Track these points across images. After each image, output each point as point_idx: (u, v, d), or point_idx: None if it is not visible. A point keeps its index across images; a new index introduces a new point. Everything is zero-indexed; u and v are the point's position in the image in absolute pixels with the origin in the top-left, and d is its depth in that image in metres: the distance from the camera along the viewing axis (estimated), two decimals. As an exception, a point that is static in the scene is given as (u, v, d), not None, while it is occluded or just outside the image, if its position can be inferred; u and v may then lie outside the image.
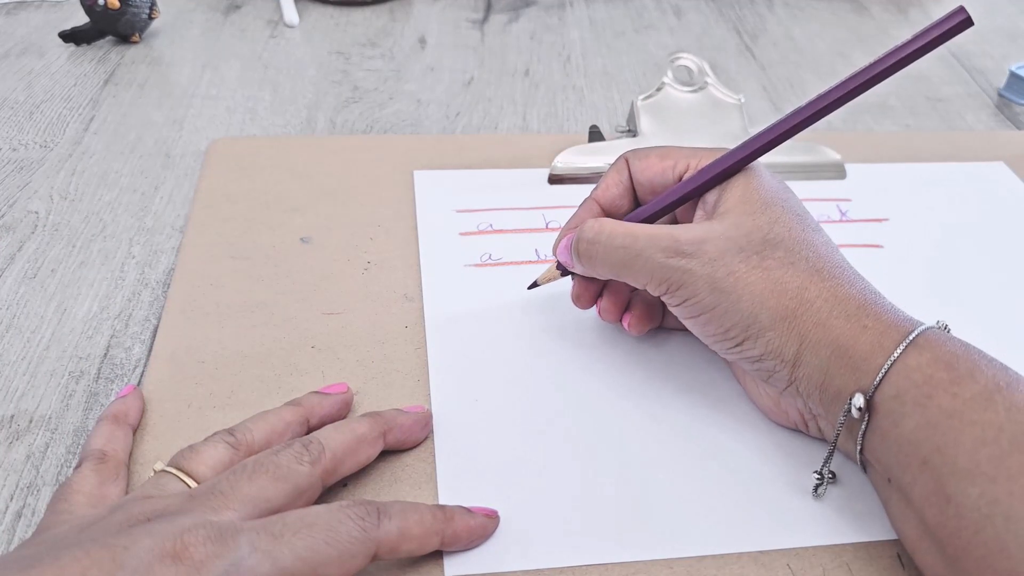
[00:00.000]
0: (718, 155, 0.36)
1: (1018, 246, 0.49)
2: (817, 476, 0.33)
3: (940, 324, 0.32)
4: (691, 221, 0.36)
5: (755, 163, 0.36)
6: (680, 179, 0.37)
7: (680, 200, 0.36)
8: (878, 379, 0.30)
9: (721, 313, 0.33)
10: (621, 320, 0.39)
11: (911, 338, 0.30)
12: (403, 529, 0.29)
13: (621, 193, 0.38)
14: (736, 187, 0.35)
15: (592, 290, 0.39)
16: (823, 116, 0.34)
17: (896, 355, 0.30)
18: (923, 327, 0.31)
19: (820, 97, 0.34)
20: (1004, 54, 0.72)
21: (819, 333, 0.32)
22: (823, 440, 0.35)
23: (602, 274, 0.36)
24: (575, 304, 0.39)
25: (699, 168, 0.36)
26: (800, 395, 0.33)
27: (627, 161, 0.38)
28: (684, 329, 0.40)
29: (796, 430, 0.36)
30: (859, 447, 0.31)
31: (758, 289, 0.32)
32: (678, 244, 0.33)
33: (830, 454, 0.33)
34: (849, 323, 0.31)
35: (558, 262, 0.39)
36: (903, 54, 0.32)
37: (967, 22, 0.30)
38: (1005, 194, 0.53)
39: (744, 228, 0.33)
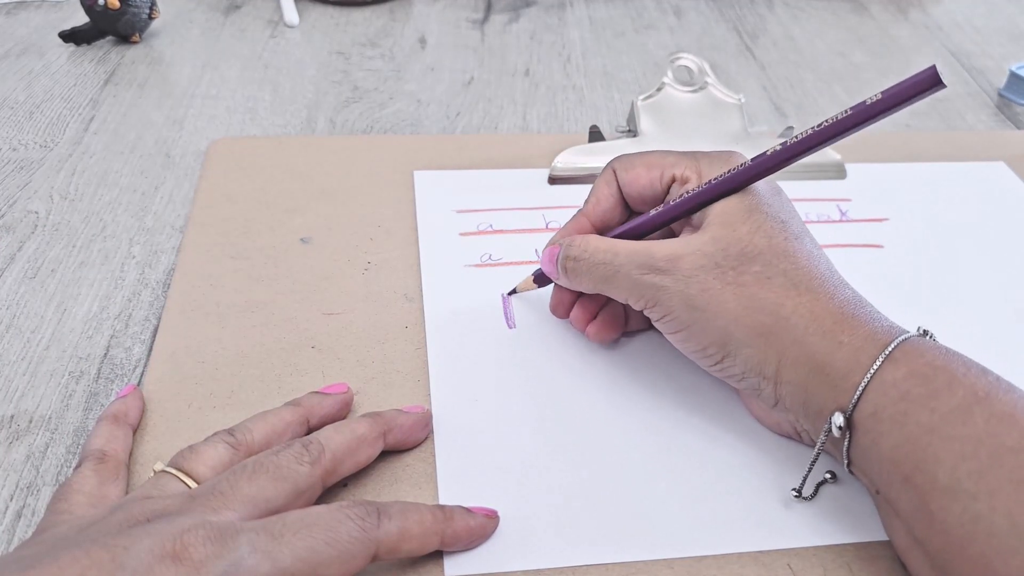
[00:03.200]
0: (700, 164, 0.36)
1: (1018, 246, 0.49)
2: (795, 493, 0.33)
3: (920, 330, 0.32)
4: (679, 233, 0.36)
5: None
6: (667, 189, 0.36)
7: (666, 222, 0.36)
8: (855, 397, 0.30)
9: (698, 330, 0.33)
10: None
11: (887, 352, 0.30)
12: (403, 529, 0.29)
13: (612, 206, 0.38)
14: (722, 200, 0.34)
15: (567, 301, 0.40)
16: (803, 156, 0.33)
17: (872, 371, 0.30)
18: (901, 338, 0.30)
19: (804, 139, 0.33)
20: (1004, 54, 0.72)
21: (796, 351, 0.31)
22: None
23: (587, 289, 0.37)
24: (553, 313, 0.40)
25: (684, 185, 0.36)
26: (788, 411, 0.33)
27: (614, 172, 0.38)
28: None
29: (791, 439, 0.36)
30: (846, 462, 0.31)
31: (732, 306, 0.32)
32: (653, 260, 0.33)
33: (809, 471, 0.33)
34: (825, 339, 0.31)
35: (534, 274, 0.41)
36: (874, 111, 0.31)
37: (937, 82, 0.30)
38: (1005, 194, 0.53)
39: (722, 242, 0.33)
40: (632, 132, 0.53)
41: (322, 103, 0.60)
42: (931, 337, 0.32)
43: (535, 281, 0.41)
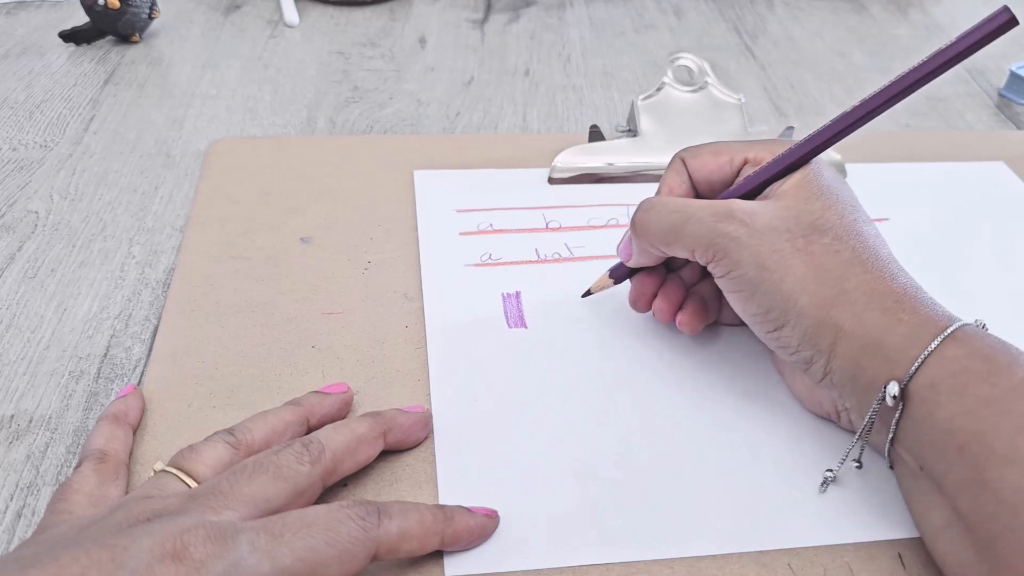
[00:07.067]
0: (771, 148, 0.37)
1: (1018, 246, 0.49)
2: (833, 469, 0.34)
3: (978, 322, 0.32)
4: None
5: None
6: (738, 172, 0.37)
7: (746, 194, 0.37)
8: (913, 368, 0.30)
9: (763, 292, 0.33)
10: (675, 320, 0.39)
11: (948, 332, 0.30)
12: (403, 529, 0.29)
13: (683, 193, 0.39)
14: (793, 175, 0.35)
15: (648, 293, 0.40)
16: (876, 115, 0.34)
17: (933, 346, 0.30)
18: (960, 323, 0.31)
19: (873, 97, 0.34)
20: (1004, 54, 0.72)
21: (854, 324, 0.32)
22: (846, 434, 0.35)
23: (654, 243, 0.37)
24: (633, 307, 0.40)
25: (758, 163, 0.36)
26: (835, 386, 0.33)
27: (683, 161, 0.39)
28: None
29: (829, 419, 0.36)
30: (891, 436, 0.31)
31: (800, 272, 0.33)
32: (730, 210, 0.34)
33: (861, 447, 0.33)
34: (885, 316, 0.32)
35: (610, 269, 0.41)
36: (949, 55, 0.32)
37: (1012, 21, 0.31)
38: (1005, 194, 0.53)
39: (795, 211, 0.34)
40: (632, 132, 0.53)
41: (322, 103, 0.60)
42: (986, 329, 0.32)
43: (610, 276, 0.41)
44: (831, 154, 0.53)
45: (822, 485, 0.34)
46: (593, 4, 0.78)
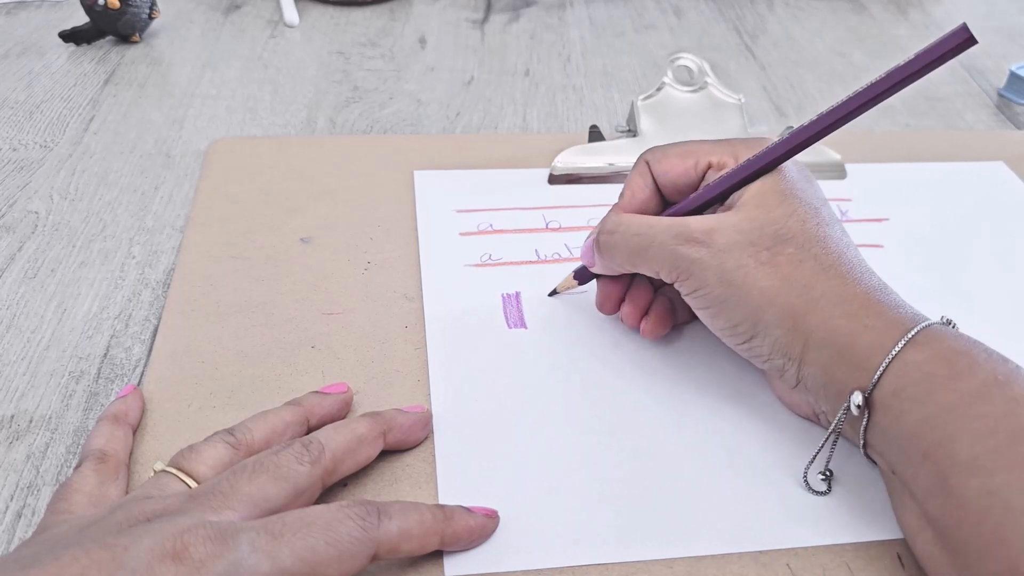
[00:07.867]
0: (735, 151, 0.36)
1: (1018, 246, 0.49)
2: (822, 475, 0.34)
3: (944, 319, 0.32)
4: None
5: None
6: (702, 176, 0.37)
7: (705, 204, 0.36)
8: (876, 377, 0.30)
9: (731, 307, 0.33)
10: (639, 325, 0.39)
11: (910, 336, 0.30)
12: (403, 529, 0.29)
13: (647, 197, 0.38)
14: (755, 183, 0.35)
15: (614, 296, 0.40)
16: (834, 129, 0.34)
17: (894, 353, 0.30)
18: (925, 324, 0.31)
19: (837, 107, 0.34)
20: (1004, 54, 0.72)
21: (822, 332, 0.32)
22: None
23: (620, 264, 0.37)
24: (599, 310, 0.40)
25: (720, 171, 0.36)
26: (809, 392, 0.33)
27: (647, 163, 0.38)
28: (689, 324, 0.41)
29: (810, 420, 0.36)
30: (862, 442, 0.32)
31: (766, 285, 0.33)
32: (689, 232, 0.34)
33: (826, 452, 0.33)
34: (851, 322, 0.32)
35: (575, 271, 0.41)
36: (908, 72, 0.32)
37: (970, 40, 0.30)
38: (1005, 194, 0.53)
39: (757, 222, 0.34)
40: (632, 132, 0.53)
41: (322, 103, 0.60)
42: (953, 326, 0.32)
43: (575, 278, 0.41)
44: (831, 154, 0.53)
45: (823, 483, 0.34)
46: (593, 4, 0.78)
